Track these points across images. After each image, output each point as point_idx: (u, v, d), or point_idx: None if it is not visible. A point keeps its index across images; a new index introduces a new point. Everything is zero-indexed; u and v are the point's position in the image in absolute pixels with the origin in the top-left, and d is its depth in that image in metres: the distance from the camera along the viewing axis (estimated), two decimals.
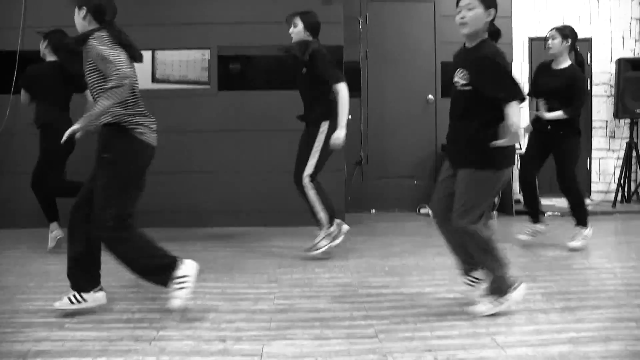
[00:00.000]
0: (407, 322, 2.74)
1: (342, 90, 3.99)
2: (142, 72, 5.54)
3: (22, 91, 4.42)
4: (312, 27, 4.13)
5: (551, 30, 4.44)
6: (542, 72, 4.54)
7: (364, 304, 3.02)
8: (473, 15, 2.65)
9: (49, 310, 2.88)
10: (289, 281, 3.53)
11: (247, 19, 5.49)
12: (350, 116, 4.40)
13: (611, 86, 6.97)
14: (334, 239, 4.15)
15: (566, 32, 4.37)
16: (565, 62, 4.39)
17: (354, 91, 6.38)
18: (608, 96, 7.01)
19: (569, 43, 4.37)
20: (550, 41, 4.38)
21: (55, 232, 4.38)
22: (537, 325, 2.66)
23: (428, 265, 3.90)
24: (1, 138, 5.30)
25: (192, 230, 5.29)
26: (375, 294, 3.22)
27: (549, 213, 6.16)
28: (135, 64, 2.86)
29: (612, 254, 4.49)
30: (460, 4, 2.68)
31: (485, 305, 2.81)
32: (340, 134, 3.99)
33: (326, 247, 4.14)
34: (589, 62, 6.93)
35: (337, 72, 4.06)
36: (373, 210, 6.57)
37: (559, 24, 6.77)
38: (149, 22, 5.47)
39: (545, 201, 6.68)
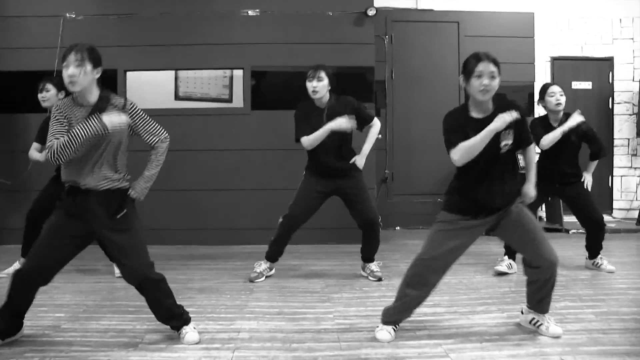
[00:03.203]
0: (472, 341, 2.80)
1: None
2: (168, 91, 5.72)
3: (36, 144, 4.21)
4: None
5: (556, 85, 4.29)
6: None
7: (423, 323, 3.07)
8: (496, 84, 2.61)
9: (118, 330, 2.94)
10: (341, 300, 3.59)
11: (280, 39, 5.58)
12: (380, 135, 4.49)
13: (634, 105, 7.06)
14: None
15: None
16: None
17: (380, 109, 6.53)
18: (630, 114, 7.11)
19: None
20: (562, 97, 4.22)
21: None
22: (602, 346, 2.71)
23: (471, 284, 3.96)
24: None
25: (229, 247, 5.40)
26: (430, 312, 3.26)
27: (573, 230, 6.22)
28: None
29: None
30: (484, 70, 2.58)
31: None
32: None
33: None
34: (610, 81, 7.05)
35: None
36: (398, 228, 6.64)
37: (582, 43, 6.96)
38: (179, 42, 5.62)
39: (568, 219, 6.75)
